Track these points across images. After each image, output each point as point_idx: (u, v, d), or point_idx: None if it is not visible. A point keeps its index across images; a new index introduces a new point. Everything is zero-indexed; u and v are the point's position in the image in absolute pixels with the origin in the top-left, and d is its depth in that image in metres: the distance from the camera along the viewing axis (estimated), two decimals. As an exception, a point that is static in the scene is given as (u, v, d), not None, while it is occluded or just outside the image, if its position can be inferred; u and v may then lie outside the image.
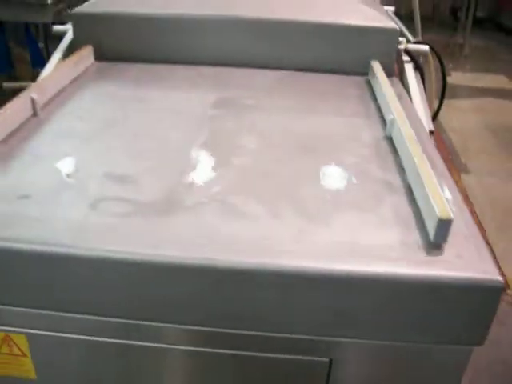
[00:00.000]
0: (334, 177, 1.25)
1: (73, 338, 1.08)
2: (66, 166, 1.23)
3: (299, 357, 1.07)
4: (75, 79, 1.68)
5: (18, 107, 1.39)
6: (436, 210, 1.01)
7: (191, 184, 1.18)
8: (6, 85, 3.39)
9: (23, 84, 1.72)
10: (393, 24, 1.77)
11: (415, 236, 1.05)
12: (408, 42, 1.85)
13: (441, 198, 1.07)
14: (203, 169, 1.24)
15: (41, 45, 4.12)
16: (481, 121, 5.42)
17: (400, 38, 1.85)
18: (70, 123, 1.43)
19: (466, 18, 7.60)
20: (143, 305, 1.02)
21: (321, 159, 1.31)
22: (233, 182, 1.20)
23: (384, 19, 1.80)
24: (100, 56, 1.82)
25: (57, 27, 1.93)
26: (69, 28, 1.90)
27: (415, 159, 1.20)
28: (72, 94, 1.60)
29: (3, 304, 1.06)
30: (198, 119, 1.46)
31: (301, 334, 1.03)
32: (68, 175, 1.19)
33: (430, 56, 1.91)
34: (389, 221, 1.10)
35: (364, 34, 1.75)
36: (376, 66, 1.72)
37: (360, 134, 1.44)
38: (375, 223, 1.09)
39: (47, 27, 3.90)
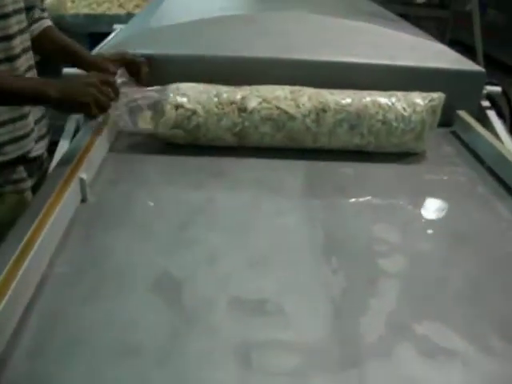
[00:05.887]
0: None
1: None
2: (169, 287, 0.88)
3: None
4: (112, 145, 1.32)
5: (67, 193, 1.02)
6: None
7: (357, 308, 0.86)
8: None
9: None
10: (479, 67, 1.53)
11: None
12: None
13: None
14: (357, 280, 0.93)
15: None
16: None
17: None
18: (139, 215, 1.07)
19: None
20: None
21: (484, 252, 1.03)
22: (406, 299, 0.90)
23: (467, 61, 1.55)
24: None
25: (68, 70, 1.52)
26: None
27: None
28: (116, 168, 1.23)
29: None
30: (300, 202, 1.15)
31: None
32: (181, 305, 0.85)
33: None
34: None
35: (448, 78, 1.49)
36: (466, 117, 1.48)
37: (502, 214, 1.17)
38: None
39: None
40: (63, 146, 1.34)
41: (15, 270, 0.81)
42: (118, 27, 2.14)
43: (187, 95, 1.30)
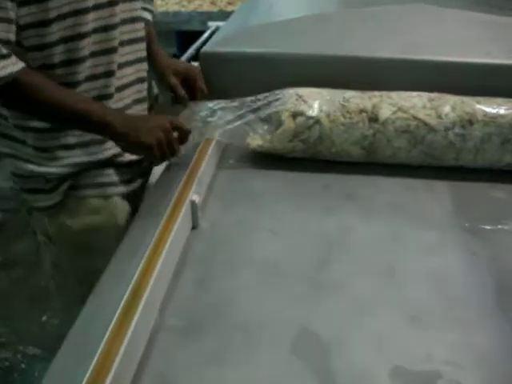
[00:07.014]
0: None
1: None
2: (313, 350, 0.69)
3: None
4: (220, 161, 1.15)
5: (179, 220, 0.85)
6: None
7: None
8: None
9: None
10: None
11: None
12: None
13: None
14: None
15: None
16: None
17: None
18: (262, 247, 0.89)
19: None
20: None
21: None
22: None
23: None
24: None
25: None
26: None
27: None
28: (228, 186, 1.06)
29: None
30: (452, 235, 0.93)
31: None
32: (330, 376, 0.66)
33: None
34: None
35: None
36: None
37: None
38: None
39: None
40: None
41: (125, 324, 0.65)
42: (213, 25, 1.99)
43: (308, 101, 1.12)
